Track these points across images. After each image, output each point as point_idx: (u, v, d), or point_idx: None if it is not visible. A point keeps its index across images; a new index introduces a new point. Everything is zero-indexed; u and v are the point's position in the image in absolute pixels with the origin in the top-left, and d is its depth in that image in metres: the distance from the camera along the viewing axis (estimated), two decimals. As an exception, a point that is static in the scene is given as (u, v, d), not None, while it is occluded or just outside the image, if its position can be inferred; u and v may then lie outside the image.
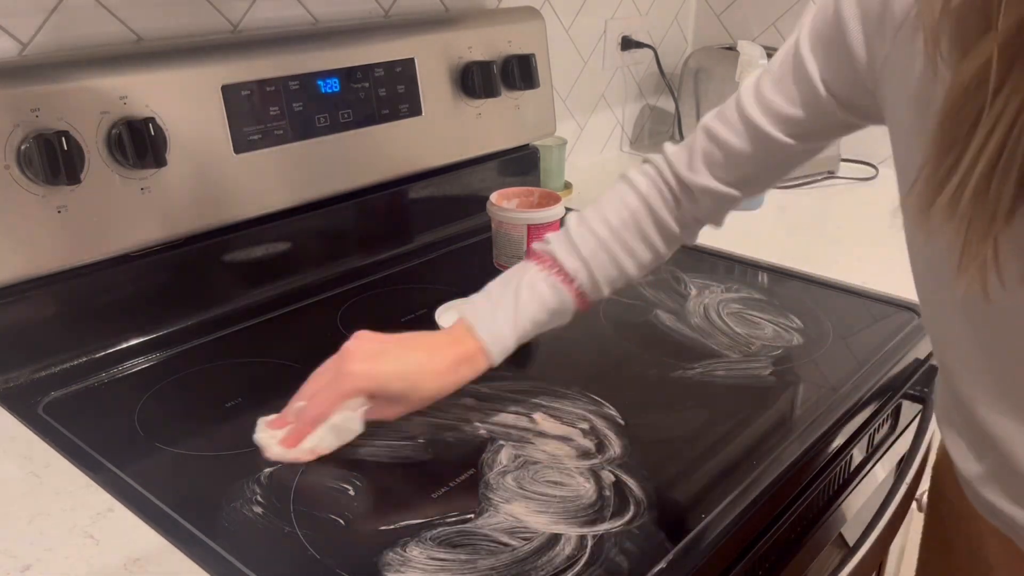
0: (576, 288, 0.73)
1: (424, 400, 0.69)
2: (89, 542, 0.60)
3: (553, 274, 0.72)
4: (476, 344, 0.69)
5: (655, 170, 0.75)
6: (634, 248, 0.74)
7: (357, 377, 0.66)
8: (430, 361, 0.68)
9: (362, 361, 0.67)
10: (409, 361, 0.68)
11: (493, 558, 0.59)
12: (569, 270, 0.72)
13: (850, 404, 0.79)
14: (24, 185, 0.76)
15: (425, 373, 0.68)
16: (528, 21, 1.20)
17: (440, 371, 0.68)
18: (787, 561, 0.73)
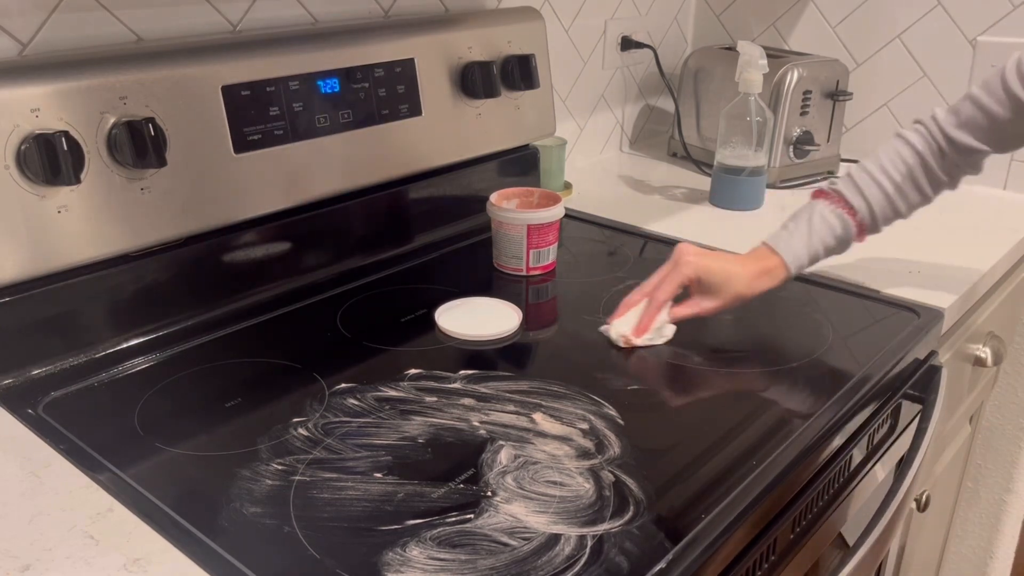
0: (858, 221, 0.90)
1: (734, 297, 0.88)
2: (89, 542, 0.60)
3: (840, 208, 0.90)
4: (777, 259, 0.89)
5: (925, 129, 0.90)
6: (907, 192, 0.90)
7: (690, 265, 0.88)
8: (742, 266, 0.88)
9: (694, 255, 0.88)
10: (726, 262, 0.89)
11: (493, 558, 0.59)
12: (855, 205, 0.89)
13: (850, 404, 0.79)
14: (24, 185, 0.76)
15: (738, 273, 0.88)
16: (528, 21, 1.20)
17: (749, 275, 0.88)
18: (787, 561, 0.73)
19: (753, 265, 0.88)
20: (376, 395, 0.78)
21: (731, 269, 0.87)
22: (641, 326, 0.88)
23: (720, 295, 0.87)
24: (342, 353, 0.86)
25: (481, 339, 0.90)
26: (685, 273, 0.87)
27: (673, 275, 0.88)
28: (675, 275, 0.88)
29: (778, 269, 0.88)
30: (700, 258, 0.88)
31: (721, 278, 0.87)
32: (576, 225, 1.24)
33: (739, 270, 0.87)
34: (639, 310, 0.89)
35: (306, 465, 0.68)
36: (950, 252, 1.16)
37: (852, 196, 0.89)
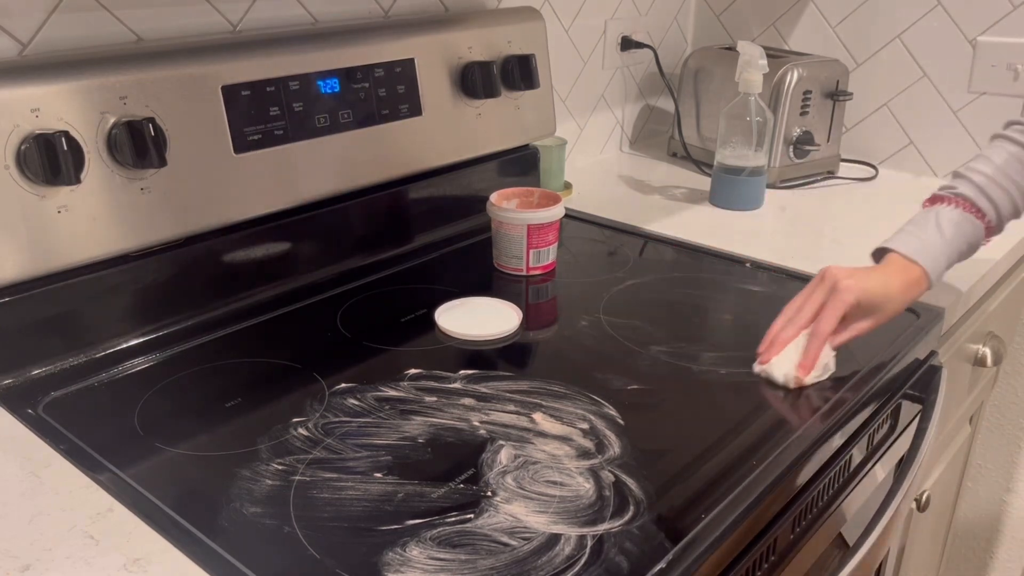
0: (987, 223, 0.89)
1: (889, 314, 0.85)
2: (89, 542, 0.60)
3: (969, 212, 0.89)
4: (919, 270, 0.86)
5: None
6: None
7: (851, 291, 0.82)
8: (892, 281, 0.85)
9: (851, 279, 0.83)
10: (880, 278, 0.85)
11: (493, 558, 0.59)
12: (983, 209, 0.89)
13: (850, 404, 0.79)
14: (24, 185, 0.76)
15: (893, 289, 0.84)
16: (528, 21, 1.20)
17: (899, 289, 0.85)
18: (787, 561, 0.73)
19: (900, 277, 0.86)
20: (376, 395, 0.78)
21: (888, 286, 0.84)
22: (808, 362, 0.81)
23: (878, 315, 0.84)
24: (342, 353, 0.86)
25: (481, 339, 0.90)
26: (848, 300, 0.82)
27: (835, 303, 0.82)
28: (837, 303, 0.82)
29: (922, 280, 0.86)
30: (858, 281, 0.83)
31: (881, 298, 0.84)
32: (576, 225, 1.24)
33: (890, 285, 0.85)
34: (798, 344, 0.82)
35: (306, 465, 0.68)
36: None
37: (979, 199, 0.89)
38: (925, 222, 0.89)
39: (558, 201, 1.06)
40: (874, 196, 1.40)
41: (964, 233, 0.88)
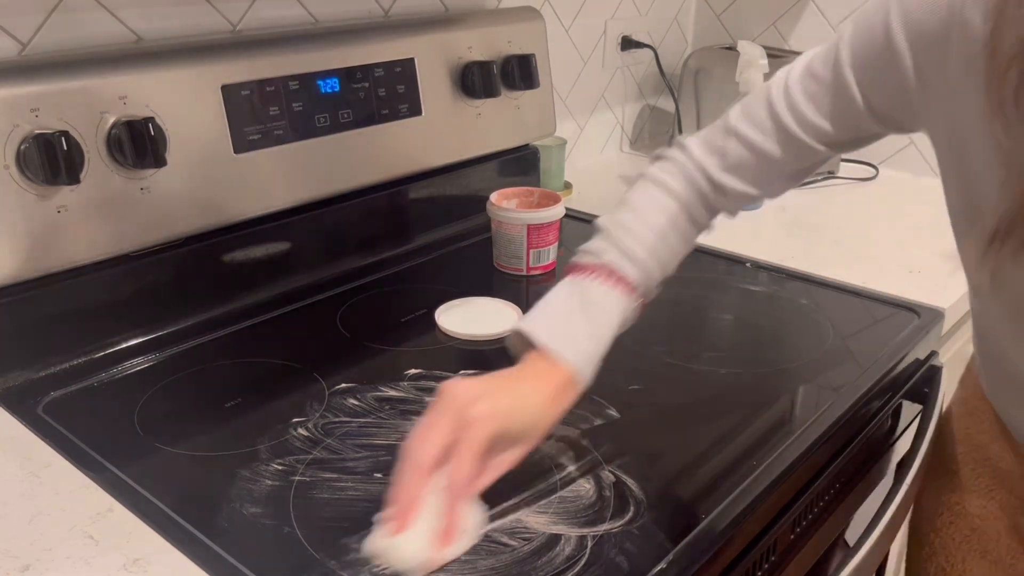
0: (638, 294, 0.71)
1: (542, 435, 0.64)
2: (89, 542, 0.60)
3: (618, 287, 0.69)
4: (567, 371, 0.65)
5: (683, 170, 0.74)
6: (677, 249, 0.74)
7: (486, 419, 0.59)
8: (539, 391, 0.64)
9: (481, 401, 0.60)
10: (521, 394, 0.63)
11: (493, 558, 0.59)
12: (632, 281, 0.70)
13: (850, 404, 0.79)
14: (24, 185, 0.76)
15: (540, 403, 0.63)
16: (528, 21, 1.20)
17: (548, 401, 0.64)
18: (787, 561, 0.73)
19: (546, 386, 0.64)
20: (376, 395, 0.78)
21: (529, 401, 0.63)
22: (448, 532, 0.57)
23: (526, 440, 0.63)
24: (342, 353, 0.86)
25: (481, 339, 0.90)
26: (485, 434, 0.58)
27: (467, 444, 0.58)
28: (471, 442, 0.58)
29: (572, 384, 0.65)
30: (492, 404, 0.60)
31: (524, 421, 0.62)
32: (576, 225, 1.24)
33: (537, 396, 0.63)
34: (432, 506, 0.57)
35: (306, 465, 0.68)
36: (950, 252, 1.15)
37: (628, 269, 0.69)
38: (570, 302, 0.68)
39: (558, 201, 1.06)
40: (874, 196, 1.40)
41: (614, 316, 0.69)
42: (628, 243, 0.70)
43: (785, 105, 0.69)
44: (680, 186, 0.73)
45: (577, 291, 0.69)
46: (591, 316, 0.67)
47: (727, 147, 0.71)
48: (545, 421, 0.64)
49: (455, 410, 0.59)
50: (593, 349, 0.67)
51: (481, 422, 0.58)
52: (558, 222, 1.06)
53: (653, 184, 0.74)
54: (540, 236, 1.04)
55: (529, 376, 0.65)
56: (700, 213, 0.74)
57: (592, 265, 0.70)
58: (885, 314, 0.97)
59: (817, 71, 0.67)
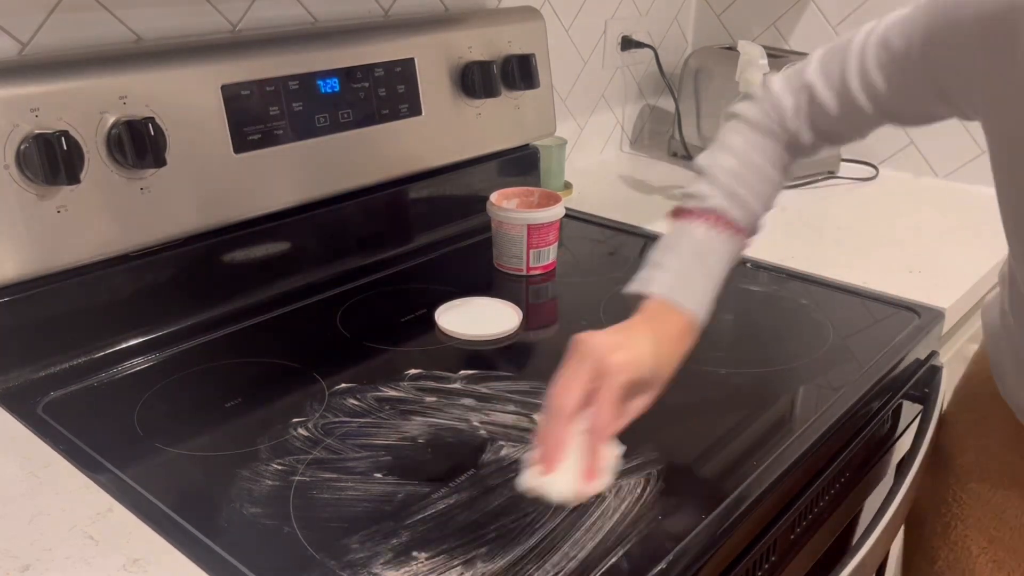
0: (745, 234, 0.74)
1: (664, 381, 0.67)
2: (89, 542, 0.60)
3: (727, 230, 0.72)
4: (684, 316, 0.69)
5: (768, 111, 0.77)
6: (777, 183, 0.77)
7: (624, 367, 0.62)
8: (663, 340, 0.67)
9: (616, 351, 0.62)
10: (650, 342, 0.65)
11: (492, 562, 0.59)
12: (741, 222, 0.73)
13: (850, 404, 0.79)
14: (24, 185, 0.76)
15: (664, 351, 0.66)
16: (528, 21, 1.20)
17: (672, 347, 0.67)
18: (787, 561, 0.73)
19: (669, 331, 0.68)
20: (376, 395, 0.78)
21: (656, 350, 0.65)
22: (591, 469, 0.60)
23: (653, 386, 0.66)
24: (342, 353, 0.86)
25: (481, 339, 0.90)
26: (621, 382, 0.62)
27: (607, 391, 0.61)
28: (610, 390, 0.61)
29: (691, 328, 0.69)
30: (627, 353, 0.63)
31: (654, 366, 0.65)
32: (576, 225, 1.24)
33: (664, 347, 0.67)
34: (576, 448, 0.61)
35: (306, 465, 0.68)
36: (950, 252, 1.16)
37: (733, 210, 0.73)
38: (682, 248, 0.72)
39: (558, 201, 1.06)
40: (874, 196, 1.40)
41: (724, 257, 0.72)
42: (732, 186, 0.73)
43: (856, 67, 0.71)
44: (768, 125, 0.76)
45: (687, 238, 0.72)
46: (703, 261, 0.71)
47: (800, 97, 0.75)
48: (670, 365, 0.67)
49: (594, 359, 0.62)
50: (707, 294, 0.71)
51: (618, 371, 0.62)
52: (558, 222, 1.06)
53: (745, 124, 0.77)
54: (540, 236, 1.04)
55: (653, 324, 0.68)
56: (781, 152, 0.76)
57: (699, 209, 0.73)
58: (885, 314, 0.97)
59: (892, 42, 0.69)
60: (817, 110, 0.74)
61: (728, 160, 0.74)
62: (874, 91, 0.70)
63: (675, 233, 0.73)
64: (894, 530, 0.85)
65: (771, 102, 0.76)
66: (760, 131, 0.76)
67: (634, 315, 0.69)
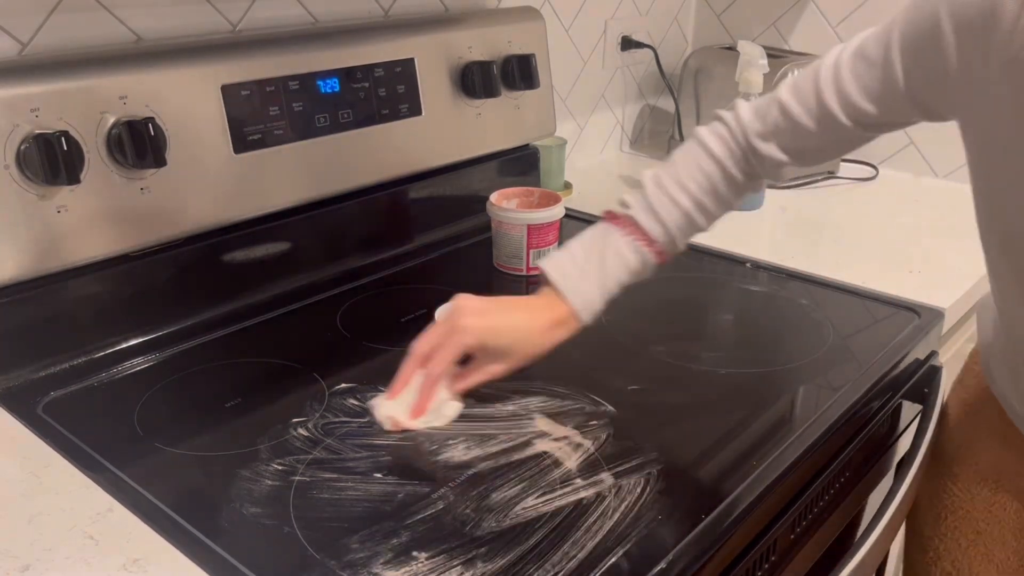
0: (656, 249, 0.77)
1: (525, 357, 0.74)
2: (89, 542, 0.60)
3: (637, 239, 0.76)
4: (568, 308, 0.75)
5: (727, 131, 0.78)
6: (709, 208, 0.78)
7: (471, 330, 0.72)
8: (532, 320, 0.74)
9: (473, 316, 0.72)
10: (514, 318, 0.75)
11: (492, 562, 0.59)
12: (652, 235, 0.76)
13: (850, 404, 0.79)
14: (24, 185, 0.76)
15: (529, 330, 0.74)
16: (528, 21, 1.20)
17: (540, 330, 0.74)
18: (787, 561, 0.73)
19: (543, 315, 0.74)
20: (376, 395, 0.78)
21: (520, 326, 0.74)
22: (417, 407, 0.73)
23: (509, 358, 0.74)
24: (342, 353, 0.86)
25: (481, 339, 0.89)
26: (464, 342, 0.72)
27: (449, 345, 0.72)
28: (451, 345, 0.72)
29: (571, 320, 0.75)
30: (481, 319, 0.73)
31: (509, 340, 0.73)
32: (576, 225, 1.23)
33: (529, 324, 0.74)
34: (413, 388, 0.74)
35: (306, 465, 0.68)
36: (950, 252, 1.16)
37: (649, 223, 0.76)
38: (591, 247, 0.77)
39: (558, 201, 1.06)
40: (874, 196, 1.40)
41: (627, 264, 0.76)
42: (658, 201, 0.76)
43: (832, 81, 0.71)
44: (720, 148, 0.77)
45: (600, 237, 0.77)
46: (606, 263, 0.75)
47: (769, 114, 0.75)
48: (530, 346, 0.74)
49: (454, 311, 0.73)
50: (598, 294, 0.76)
51: (463, 333, 0.72)
52: (558, 222, 1.06)
53: (696, 143, 0.79)
54: (540, 236, 1.04)
55: (531, 305, 0.76)
56: (737, 172, 0.77)
57: (620, 216, 0.77)
58: (885, 314, 0.97)
59: (868, 51, 0.69)
60: (788, 124, 0.74)
61: (665, 176, 0.77)
62: (850, 103, 0.70)
63: (595, 230, 0.78)
64: (894, 530, 0.85)
65: (733, 120, 0.77)
66: (708, 151, 0.77)
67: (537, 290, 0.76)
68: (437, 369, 0.72)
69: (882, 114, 0.70)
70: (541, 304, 0.75)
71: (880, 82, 0.68)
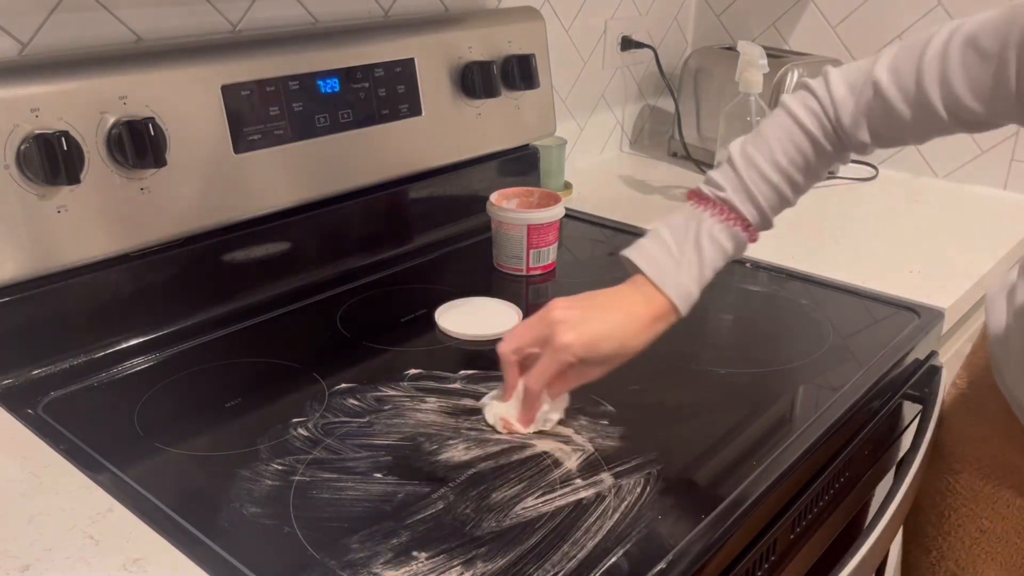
0: (752, 230, 0.74)
1: (627, 358, 0.71)
2: (89, 542, 0.60)
3: (733, 224, 0.73)
4: (667, 301, 0.71)
5: (818, 104, 0.74)
6: (799, 182, 0.75)
7: (572, 348, 0.68)
8: (630, 320, 0.70)
9: (572, 330, 0.68)
10: (613, 323, 0.70)
11: (492, 562, 0.59)
12: (748, 217, 0.73)
13: (850, 404, 0.79)
14: (24, 185, 0.76)
15: (628, 333, 0.70)
16: (528, 21, 1.20)
17: (639, 329, 0.70)
18: (787, 561, 0.73)
19: (641, 312, 0.71)
20: (376, 395, 0.78)
21: (618, 330, 0.70)
22: (524, 418, 0.73)
23: (610, 364, 0.71)
24: (342, 353, 0.86)
25: (481, 339, 0.90)
26: (565, 361, 0.69)
27: (549, 364, 0.69)
28: (551, 363, 0.69)
29: (670, 314, 0.72)
30: (580, 332, 0.68)
31: (610, 348, 0.70)
32: (576, 225, 1.24)
33: (628, 326, 0.70)
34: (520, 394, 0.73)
35: (306, 465, 0.68)
36: (950, 252, 1.16)
37: (745, 206, 0.73)
38: (686, 234, 0.73)
39: (558, 201, 1.06)
40: (874, 196, 1.40)
41: (724, 250, 0.73)
42: (751, 180, 0.73)
43: (937, 69, 0.67)
44: (811, 121, 0.73)
45: (693, 224, 0.73)
46: (702, 251, 0.72)
47: (864, 94, 0.71)
48: (633, 346, 0.70)
49: (547, 324, 0.69)
50: (696, 285, 0.72)
51: (564, 352, 0.68)
52: (558, 222, 1.06)
53: (786, 114, 0.75)
54: (540, 236, 1.04)
55: (626, 301, 0.71)
56: (827, 146, 0.74)
57: (712, 198, 0.73)
58: (885, 314, 0.97)
59: (982, 42, 0.65)
60: (881, 108, 0.70)
61: (756, 153, 0.73)
62: (954, 97, 0.67)
63: (684, 214, 0.74)
64: (894, 530, 0.85)
65: (826, 95, 0.73)
66: (801, 126, 0.74)
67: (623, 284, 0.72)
68: (536, 388, 0.70)
69: (987, 113, 0.66)
70: (637, 299, 0.71)
71: (993, 78, 0.64)
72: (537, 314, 0.71)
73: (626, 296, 0.72)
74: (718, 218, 0.73)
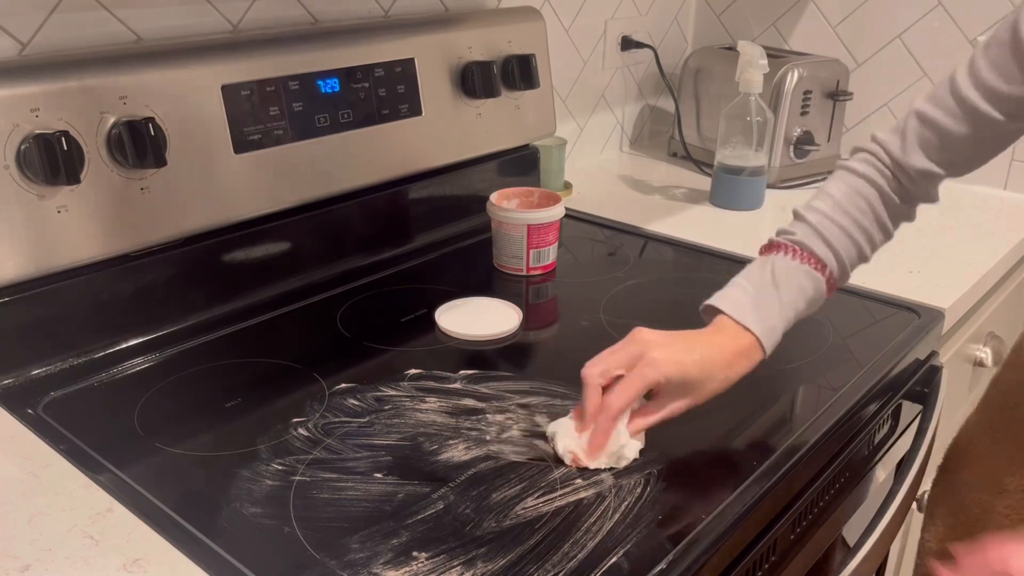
0: (828, 276, 0.75)
1: (711, 392, 0.70)
2: (89, 542, 0.60)
3: (809, 264, 0.74)
4: (751, 338, 0.71)
5: (870, 155, 0.77)
6: (872, 233, 0.77)
7: (659, 363, 0.67)
8: (715, 352, 0.70)
9: (659, 348, 0.68)
10: (698, 350, 0.69)
11: (492, 562, 0.59)
12: (824, 260, 0.74)
13: (850, 404, 0.79)
14: (24, 185, 0.76)
15: (715, 364, 0.69)
16: (528, 21, 1.20)
17: (726, 363, 0.70)
18: (787, 561, 0.73)
19: (726, 346, 0.70)
20: (376, 395, 0.78)
21: (704, 359, 0.69)
22: (594, 445, 0.68)
23: (693, 393, 0.69)
24: (342, 353, 0.86)
25: (481, 339, 0.90)
26: (651, 377, 0.67)
27: (634, 379, 0.67)
28: (636, 378, 0.67)
29: (754, 351, 0.71)
30: (667, 351, 0.68)
31: (698, 374, 0.68)
32: (576, 225, 1.24)
33: (712, 356, 0.69)
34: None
35: (306, 465, 0.68)
36: (950, 252, 1.16)
37: (819, 248, 0.74)
38: (760, 276, 0.74)
39: (558, 201, 1.06)
40: (874, 196, 1.40)
41: (804, 292, 0.74)
42: (823, 226, 0.74)
43: (968, 75, 0.71)
44: (871, 170, 0.76)
45: (768, 266, 0.74)
46: (780, 291, 0.73)
47: (907, 127, 0.75)
48: (718, 380, 0.69)
49: (637, 342, 0.68)
50: (779, 322, 0.72)
51: (650, 366, 0.67)
52: (558, 222, 1.06)
53: (845, 172, 0.78)
54: (540, 236, 1.04)
55: (711, 338, 0.71)
56: (892, 194, 0.76)
57: (783, 243, 0.75)
58: (885, 314, 0.97)
59: (998, 34, 0.68)
60: (933, 133, 0.73)
61: (821, 204, 0.76)
62: (990, 90, 0.69)
63: (757, 263, 0.76)
64: (894, 530, 0.85)
65: (871, 144, 0.77)
66: (858, 173, 0.76)
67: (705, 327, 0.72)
68: (618, 404, 0.67)
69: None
70: (721, 336, 0.71)
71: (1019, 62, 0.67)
72: (623, 340, 0.70)
73: (711, 334, 0.72)
74: (791, 257, 0.74)
